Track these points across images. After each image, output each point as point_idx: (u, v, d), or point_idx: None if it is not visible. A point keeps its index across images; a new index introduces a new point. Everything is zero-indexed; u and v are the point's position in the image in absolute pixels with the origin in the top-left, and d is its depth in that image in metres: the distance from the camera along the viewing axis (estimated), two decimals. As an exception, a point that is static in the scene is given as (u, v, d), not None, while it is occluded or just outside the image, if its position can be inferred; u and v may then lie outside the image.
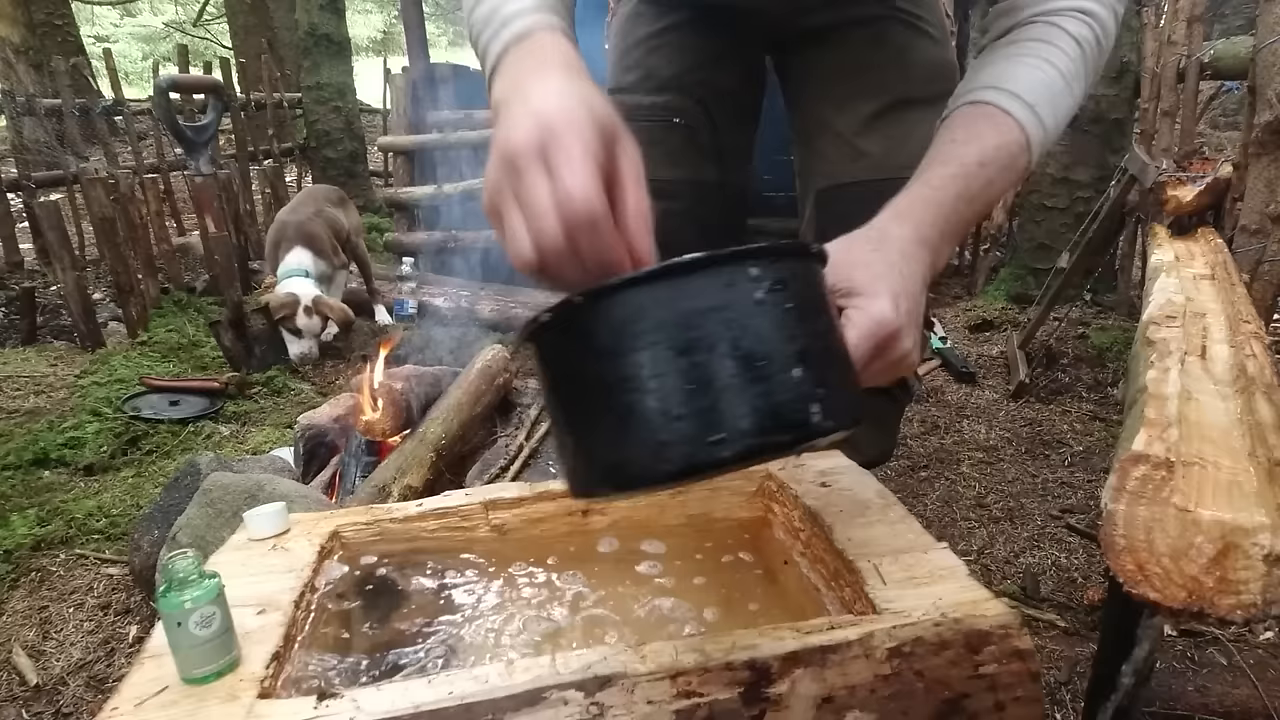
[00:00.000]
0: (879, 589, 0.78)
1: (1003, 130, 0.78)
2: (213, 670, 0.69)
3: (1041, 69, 0.79)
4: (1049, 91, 0.79)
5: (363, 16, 18.16)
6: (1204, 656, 1.35)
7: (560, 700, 0.64)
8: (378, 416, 1.74)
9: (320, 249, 3.16)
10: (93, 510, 1.91)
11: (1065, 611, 1.51)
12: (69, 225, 3.66)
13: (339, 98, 5.84)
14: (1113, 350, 2.76)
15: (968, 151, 0.78)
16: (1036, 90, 0.79)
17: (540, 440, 1.88)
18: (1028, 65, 0.80)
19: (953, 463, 2.14)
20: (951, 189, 0.76)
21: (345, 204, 3.59)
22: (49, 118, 4.37)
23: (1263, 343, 1.07)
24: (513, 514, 1.04)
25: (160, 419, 2.42)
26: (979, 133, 0.79)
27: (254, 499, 1.37)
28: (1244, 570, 0.64)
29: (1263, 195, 1.69)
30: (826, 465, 1.10)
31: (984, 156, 0.77)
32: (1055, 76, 0.79)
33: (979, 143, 0.78)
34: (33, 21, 6.78)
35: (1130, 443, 0.77)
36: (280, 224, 3.20)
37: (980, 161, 0.77)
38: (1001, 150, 0.78)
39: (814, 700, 0.68)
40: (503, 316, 3.42)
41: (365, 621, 0.90)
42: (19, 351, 3.04)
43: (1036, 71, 0.79)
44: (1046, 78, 0.79)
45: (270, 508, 0.98)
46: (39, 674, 1.42)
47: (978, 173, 0.77)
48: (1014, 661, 0.72)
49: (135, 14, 16.49)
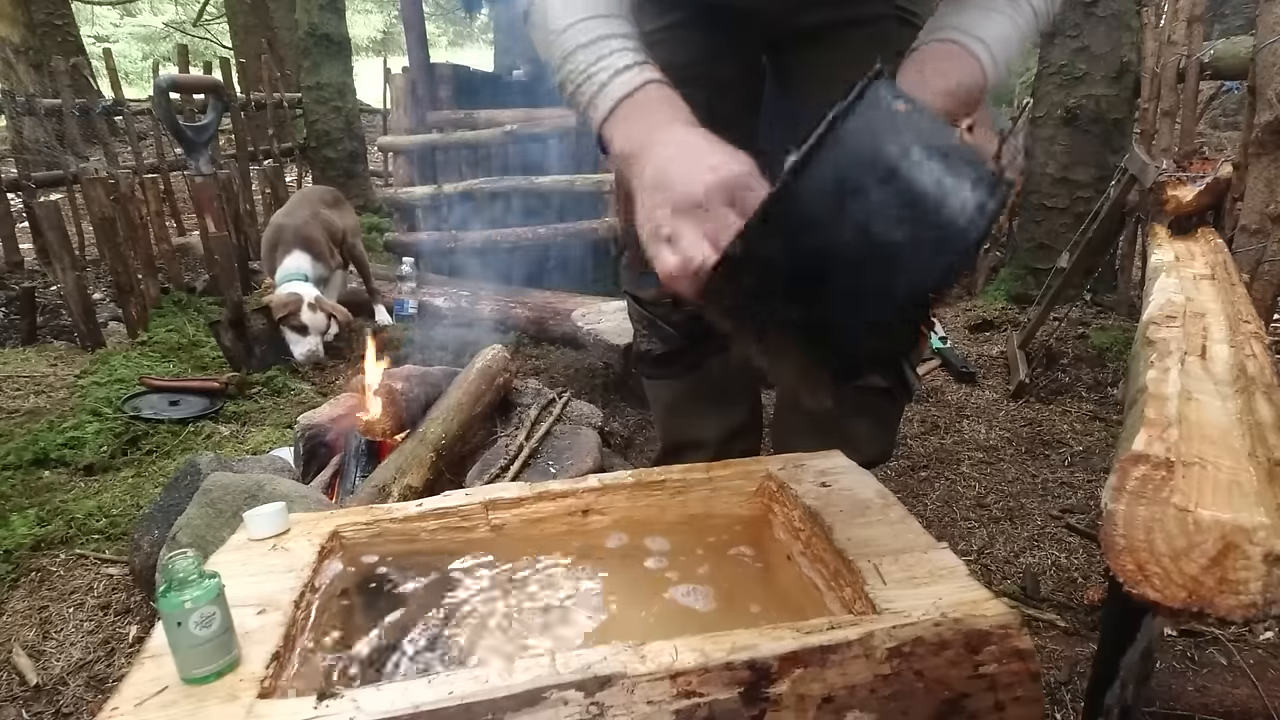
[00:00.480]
0: (879, 589, 0.78)
1: (967, 70, 0.85)
2: (213, 670, 0.69)
3: (1006, 24, 0.87)
4: (1008, 46, 0.87)
5: (363, 16, 18.15)
6: (1204, 656, 1.35)
7: (560, 700, 0.64)
8: (378, 416, 1.74)
9: (318, 252, 3.16)
10: (93, 510, 1.91)
11: (1065, 611, 1.51)
12: (69, 225, 3.66)
13: (339, 98, 5.83)
14: (1113, 350, 2.76)
15: (935, 84, 0.84)
16: (1000, 42, 0.87)
17: (540, 440, 1.88)
18: (995, 18, 0.87)
19: (953, 463, 2.14)
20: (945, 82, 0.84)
21: (341, 205, 3.58)
22: (49, 118, 4.37)
23: (1263, 343, 1.07)
24: (513, 514, 1.04)
25: (160, 419, 2.42)
26: (945, 70, 0.85)
27: (254, 499, 1.37)
28: (1244, 570, 0.64)
29: (1263, 195, 1.69)
30: (826, 465, 1.10)
31: (948, 88, 0.84)
32: (1014, 33, 0.87)
33: (944, 79, 0.84)
34: (33, 21, 6.78)
35: (1130, 443, 0.77)
36: (277, 227, 3.20)
37: (946, 92, 0.83)
38: (962, 87, 0.85)
39: (814, 700, 0.68)
40: (503, 316, 3.42)
41: (365, 621, 0.90)
42: (19, 351, 3.04)
43: (1004, 25, 0.87)
44: (1009, 33, 0.87)
45: (270, 508, 0.98)
46: (39, 674, 1.42)
47: (941, 103, 0.82)
48: (1014, 661, 0.72)
49: (135, 14, 16.48)
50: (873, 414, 1.34)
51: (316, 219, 3.25)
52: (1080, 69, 3.27)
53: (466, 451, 1.86)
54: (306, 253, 3.10)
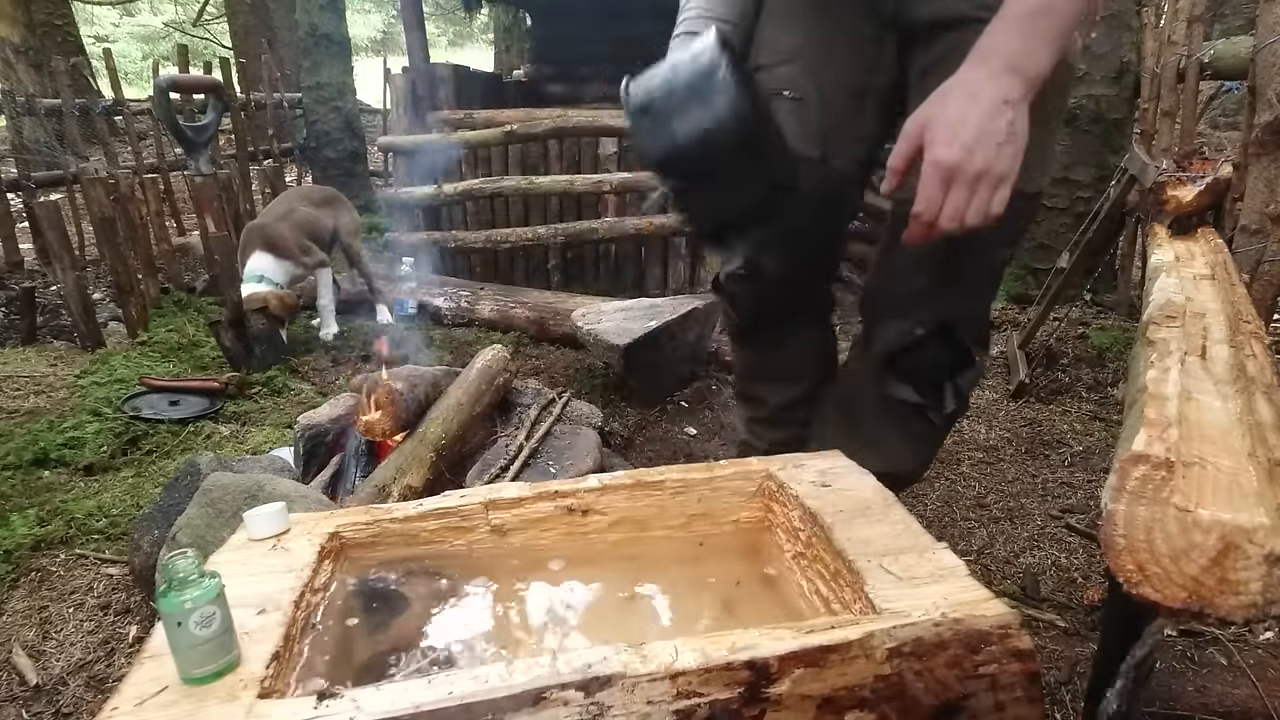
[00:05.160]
0: (879, 589, 0.78)
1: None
2: (213, 670, 0.69)
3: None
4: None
5: (363, 16, 18.15)
6: (1204, 656, 1.35)
7: (560, 700, 0.64)
8: (378, 417, 1.74)
9: (283, 251, 3.12)
10: (93, 510, 1.91)
11: (1065, 611, 1.51)
12: (69, 225, 3.66)
13: (339, 98, 5.83)
14: (1113, 350, 2.76)
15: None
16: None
17: (540, 440, 1.88)
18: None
19: (953, 463, 2.14)
20: (1016, 7, 0.87)
21: (334, 203, 3.55)
22: (49, 118, 4.37)
23: (1263, 343, 1.07)
24: (512, 514, 1.04)
25: (160, 419, 2.42)
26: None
27: (254, 499, 1.37)
28: (1244, 570, 0.63)
29: (1263, 195, 1.69)
30: (826, 465, 1.10)
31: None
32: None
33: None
34: (33, 21, 6.78)
35: (1130, 443, 0.77)
36: (246, 228, 3.20)
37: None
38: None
39: (814, 700, 0.68)
40: (503, 316, 3.42)
41: (365, 621, 0.90)
42: (19, 351, 3.04)
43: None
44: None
45: (270, 508, 0.98)
46: (39, 674, 1.42)
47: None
48: (1014, 661, 0.72)
49: (135, 14, 16.47)
50: (900, 426, 1.31)
51: (288, 218, 3.22)
52: (1080, 69, 3.27)
53: (466, 451, 1.86)
54: (269, 253, 3.08)
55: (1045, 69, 0.87)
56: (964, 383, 1.27)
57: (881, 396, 1.30)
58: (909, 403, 1.28)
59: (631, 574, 0.99)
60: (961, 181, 0.85)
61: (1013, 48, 0.86)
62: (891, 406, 1.29)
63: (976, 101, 0.85)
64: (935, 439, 1.39)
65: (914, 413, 1.28)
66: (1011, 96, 0.85)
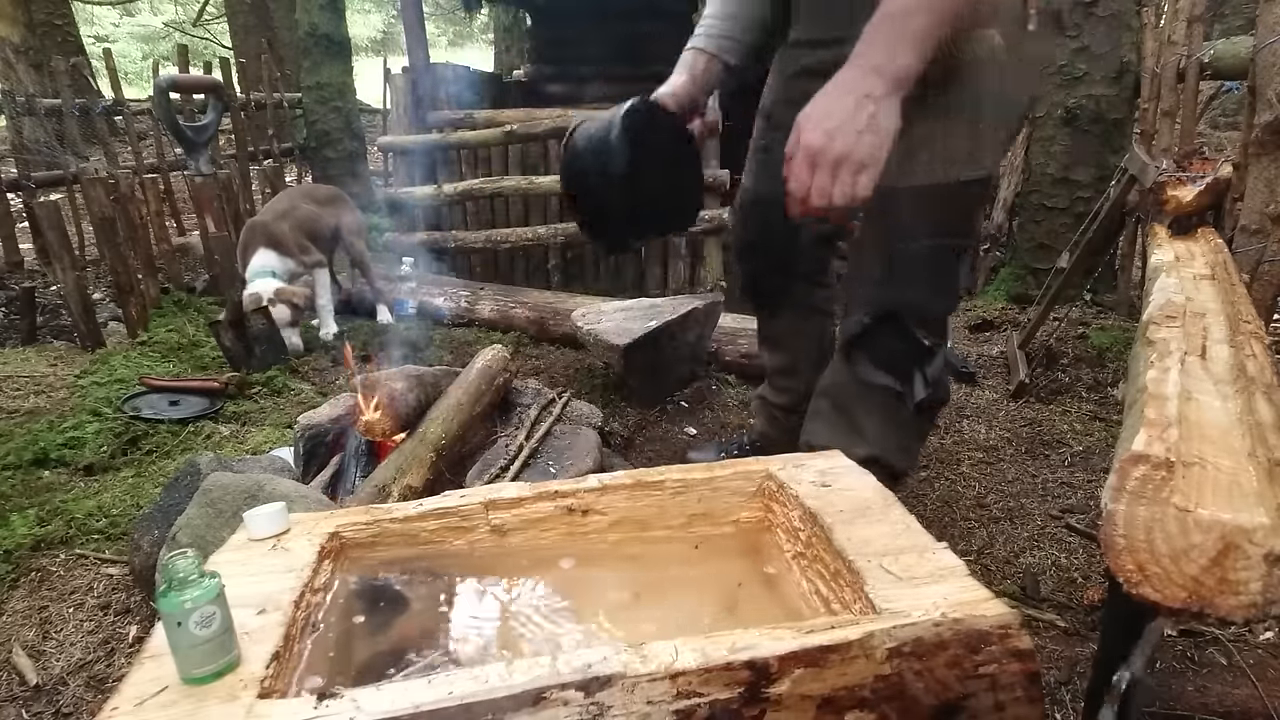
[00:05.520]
0: (879, 589, 0.78)
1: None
2: (213, 670, 0.69)
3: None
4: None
5: (363, 16, 18.15)
6: (1204, 656, 1.35)
7: (560, 700, 0.64)
8: (378, 417, 1.74)
9: (285, 249, 3.13)
10: (93, 510, 1.91)
11: (1065, 611, 1.51)
12: (69, 225, 3.66)
13: (339, 98, 5.82)
14: (1113, 350, 2.76)
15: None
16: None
17: (540, 440, 1.88)
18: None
19: (953, 463, 2.14)
20: (883, 9, 0.98)
21: (336, 202, 3.55)
22: (49, 118, 4.37)
23: (1263, 343, 1.07)
24: (512, 514, 1.04)
25: (160, 419, 2.41)
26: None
27: (254, 499, 1.37)
28: (1244, 570, 0.63)
29: (1263, 195, 1.69)
30: (826, 465, 1.10)
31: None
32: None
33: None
34: (33, 21, 6.78)
35: (1130, 443, 0.77)
36: (248, 226, 3.20)
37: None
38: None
39: (814, 700, 0.68)
40: (502, 316, 3.42)
41: (365, 621, 0.90)
42: (19, 351, 3.04)
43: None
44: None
45: (270, 508, 0.98)
46: (39, 674, 1.42)
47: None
48: (1014, 661, 0.72)
49: (135, 14, 16.47)
50: (880, 412, 1.38)
51: (289, 217, 3.23)
52: (1080, 69, 3.27)
53: (466, 451, 1.86)
54: (272, 250, 3.09)
55: (911, 66, 0.98)
56: (930, 371, 1.35)
57: (857, 382, 1.38)
58: (885, 388, 1.36)
59: (631, 574, 0.99)
60: (824, 164, 0.97)
61: (876, 49, 0.98)
62: (868, 392, 1.38)
63: (842, 97, 0.98)
64: (917, 426, 1.47)
65: (892, 398, 1.36)
66: (874, 92, 0.96)
